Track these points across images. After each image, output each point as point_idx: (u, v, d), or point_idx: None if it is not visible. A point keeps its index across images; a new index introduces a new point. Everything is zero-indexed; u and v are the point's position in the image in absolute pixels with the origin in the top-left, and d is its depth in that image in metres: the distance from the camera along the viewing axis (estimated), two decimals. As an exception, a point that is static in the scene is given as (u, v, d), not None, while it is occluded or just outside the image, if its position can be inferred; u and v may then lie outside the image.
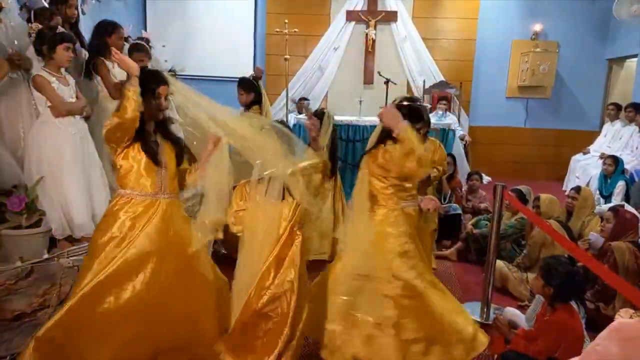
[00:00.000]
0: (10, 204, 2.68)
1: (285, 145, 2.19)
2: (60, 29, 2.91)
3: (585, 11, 7.45)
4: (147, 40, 4.63)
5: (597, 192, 5.59)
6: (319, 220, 2.69)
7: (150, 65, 4.17)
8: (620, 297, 2.96)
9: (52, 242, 2.95)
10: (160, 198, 2.15)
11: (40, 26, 2.98)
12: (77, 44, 3.57)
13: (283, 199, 2.21)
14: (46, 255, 2.81)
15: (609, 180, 5.51)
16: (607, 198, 5.35)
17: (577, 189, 4.06)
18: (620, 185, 5.24)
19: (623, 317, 2.56)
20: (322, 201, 2.98)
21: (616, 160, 5.44)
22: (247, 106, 3.94)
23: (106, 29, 3.48)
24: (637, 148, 5.77)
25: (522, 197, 3.96)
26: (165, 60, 6.54)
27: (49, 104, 2.86)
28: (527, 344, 2.50)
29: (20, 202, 2.64)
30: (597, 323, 2.91)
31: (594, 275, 2.94)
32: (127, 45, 4.08)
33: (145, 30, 7.35)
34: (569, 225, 3.81)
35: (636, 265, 3.06)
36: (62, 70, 3.00)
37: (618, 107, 6.59)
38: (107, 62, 3.47)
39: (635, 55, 6.87)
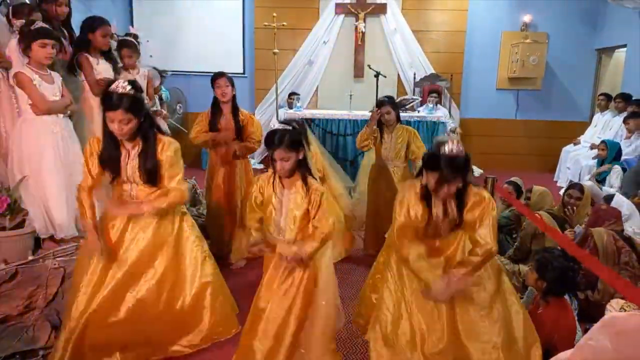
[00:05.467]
0: (-7, 206, 2.62)
1: None
2: (40, 24, 2.82)
3: (574, 2, 7.44)
4: (135, 36, 4.55)
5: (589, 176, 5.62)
6: None
7: (138, 61, 4.11)
8: (602, 281, 3.00)
9: (38, 244, 2.89)
10: None
11: (23, 22, 2.90)
12: (66, 41, 3.49)
13: None
14: (31, 257, 2.76)
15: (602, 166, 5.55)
16: (601, 182, 5.37)
17: (580, 189, 3.78)
18: (617, 170, 5.24)
19: (614, 309, 2.55)
20: None
21: (607, 145, 5.46)
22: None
23: (91, 25, 3.40)
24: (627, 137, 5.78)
25: (518, 189, 3.96)
26: (151, 56, 6.45)
27: (30, 102, 2.79)
28: (520, 337, 2.50)
29: (2, 203, 2.58)
30: (588, 312, 2.93)
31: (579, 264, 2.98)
32: (113, 43, 4.01)
33: (132, 25, 7.26)
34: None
35: (615, 247, 3.10)
36: (47, 67, 2.93)
37: (608, 97, 6.62)
38: (91, 58, 3.39)
39: (624, 45, 6.88)
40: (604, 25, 7.37)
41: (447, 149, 1.91)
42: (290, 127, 2.11)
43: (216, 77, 3.46)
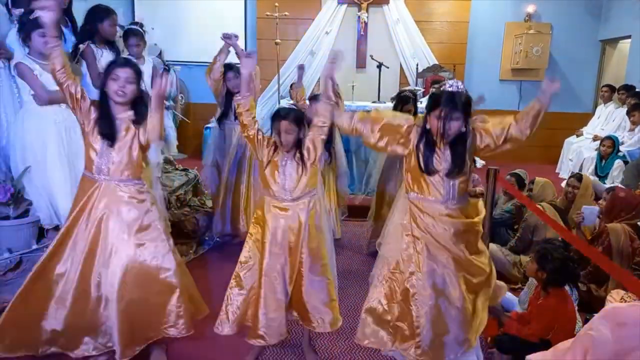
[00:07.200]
0: (-4, 196, 2.63)
1: None
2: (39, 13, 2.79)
3: (578, -8, 7.39)
4: (141, 25, 4.52)
5: (592, 172, 5.61)
6: None
7: (144, 49, 4.09)
8: (613, 280, 2.97)
9: (42, 235, 2.91)
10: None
11: (22, 11, 2.89)
12: (68, 30, 3.46)
13: None
14: (35, 246, 2.78)
15: (604, 161, 5.54)
16: (603, 178, 5.37)
17: (579, 178, 3.83)
18: (619, 165, 5.23)
19: (615, 299, 2.57)
20: None
21: (614, 142, 5.46)
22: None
23: (98, 15, 3.33)
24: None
25: (521, 181, 3.96)
26: (155, 44, 6.39)
27: (32, 92, 2.79)
28: (520, 327, 2.52)
29: (6, 192, 2.59)
30: (589, 305, 2.94)
31: (587, 257, 2.95)
32: (119, 31, 3.98)
33: (134, 15, 7.22)
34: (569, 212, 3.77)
35: (631, 248, 3.04)
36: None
37: (612, 88, 6.58)
38: (96, 50, 3.36)
39: (628, 36, 6.83)
40: (608, 16, 7.31)
41: (448, 86, 2.00)
42: (295, 107, 2.38)
43: (226, 69, 3.69)
